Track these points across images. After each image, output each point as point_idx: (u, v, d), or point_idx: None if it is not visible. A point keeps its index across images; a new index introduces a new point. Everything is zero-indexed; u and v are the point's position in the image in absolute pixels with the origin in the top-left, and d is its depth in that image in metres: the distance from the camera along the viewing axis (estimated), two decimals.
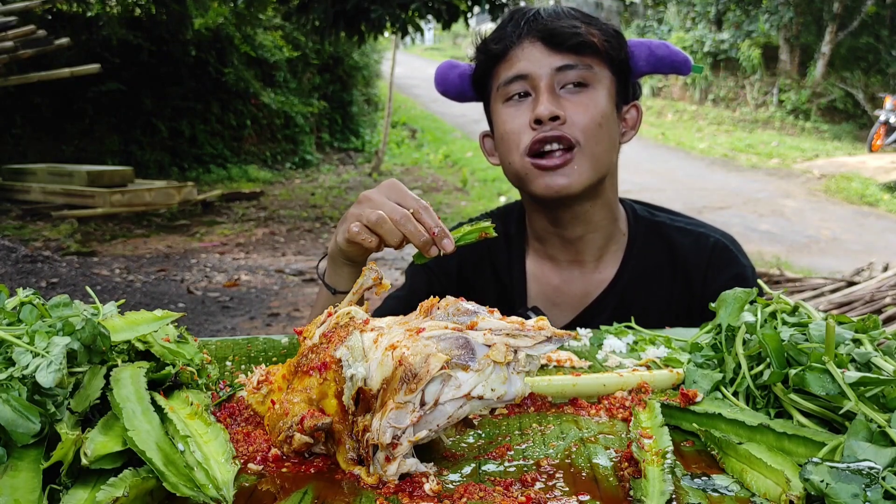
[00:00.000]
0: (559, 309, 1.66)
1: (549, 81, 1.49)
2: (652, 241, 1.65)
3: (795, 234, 8.88)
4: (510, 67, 1.52)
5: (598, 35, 1.50)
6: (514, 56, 1.52)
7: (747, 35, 19.29)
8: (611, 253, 1.65)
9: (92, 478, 0.72)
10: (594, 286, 1.64)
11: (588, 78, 1.50)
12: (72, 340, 0.82)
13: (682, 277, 1.63)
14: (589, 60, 1.50)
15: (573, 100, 1.49)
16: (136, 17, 12.02)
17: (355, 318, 0.88)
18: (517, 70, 1.51)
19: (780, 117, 18.30)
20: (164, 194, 9.50)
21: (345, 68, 15.86)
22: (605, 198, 1.59)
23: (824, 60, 18.31)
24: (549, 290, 1.68)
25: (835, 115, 18.19)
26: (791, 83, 18.81)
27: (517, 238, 1.72)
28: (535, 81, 1.50)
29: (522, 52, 1.51)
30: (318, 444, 0.84)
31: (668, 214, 1.72)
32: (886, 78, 18.41)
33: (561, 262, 1.66)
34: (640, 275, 1.63)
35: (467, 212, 9.89)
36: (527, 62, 1.50)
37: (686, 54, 1.58)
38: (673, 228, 1.66)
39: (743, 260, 1.63)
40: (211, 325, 5.42)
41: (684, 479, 0.79)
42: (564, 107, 1.47)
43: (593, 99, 1.49)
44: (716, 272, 1.60)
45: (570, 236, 1.61)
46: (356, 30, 8.75)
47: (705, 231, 1.66)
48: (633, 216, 1.68)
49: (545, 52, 1.49)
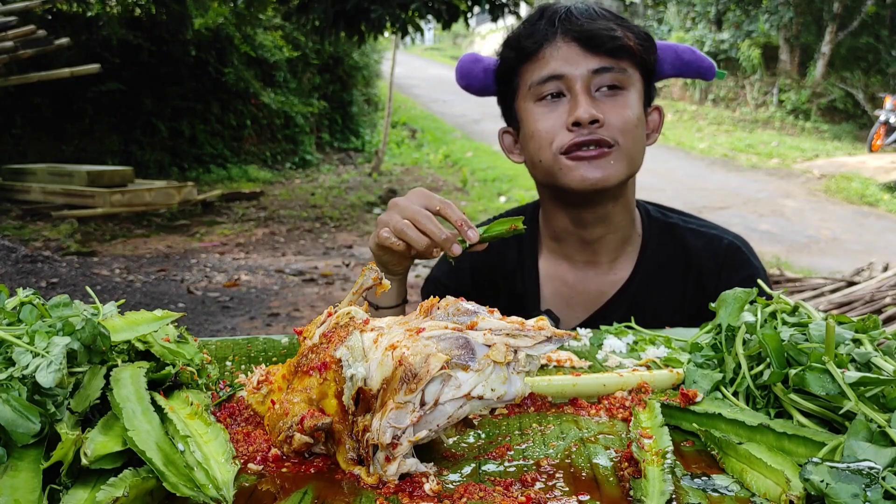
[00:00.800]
0: (573, 308, 1.66)
1: (586, 83, 1.47)
2: (665, 243, 1.66)
3: (795, 234, 8.88)
4: (543, 66, 1.50)
5: (633, 38, 1.50)
6: (548, 55, 1.50)
7: (747, 35, 19.29)
8: (626, 254, 1.65)
9: (92, 478, 0.72)
10: (608, 286, 1.65)
11: (623, 81, 1.49)
12: (72, 340, 0.82)
13: (695, 279, 1.63)
14: (624, 64, 1.49)
15: (609, 102, 1.48)
16: (136, 17, 12.02)
17: (355, 318, 0.88)
18: (551, 70, 1.49)
19: (780, 117, 18.30)
20: (164, 194, 9.50)
21: (345, 68, 15.86)
22: (626, 198, 1.60)
23: (824, 60, 18.32)
24: (563, 290, 1.68)
25: (835, 115, 18.19)
26: (791, 83, 18.81)
27: (529, 240, 1.72)
28: (570, 83, 1.48)
29: (557, 52, 1.49)
30: (318, 444, 0.84)
31: (680, 216, 1.73)
32: (886, 78, 18.41)
33: (577, 262, 1.66)
34: (654, 276, 1.64)
35: (467, 212, 9.90)
36: (562, 62, 1.48)
37: (711, 60, 1.58)
38: (686, 230, 1.67)
39: (755, 262, 1.63)
40: (211, 325, 5.42)
41: (684, 479, 0.79)
42: (602, 109, 1.47)
43: (628, 102, 1.49)
44: (728, 274, 1.60)
45: (590, 237, 1.62)
46: (356, 30, 8.75)
47: (718, 233, 1.66)
48: (646, 217, 1.68)
49: (581, 53, 1.48)
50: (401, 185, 11.92)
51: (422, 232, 1.26)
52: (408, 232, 1.26)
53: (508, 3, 8.67)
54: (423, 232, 1.26)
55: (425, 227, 1.25)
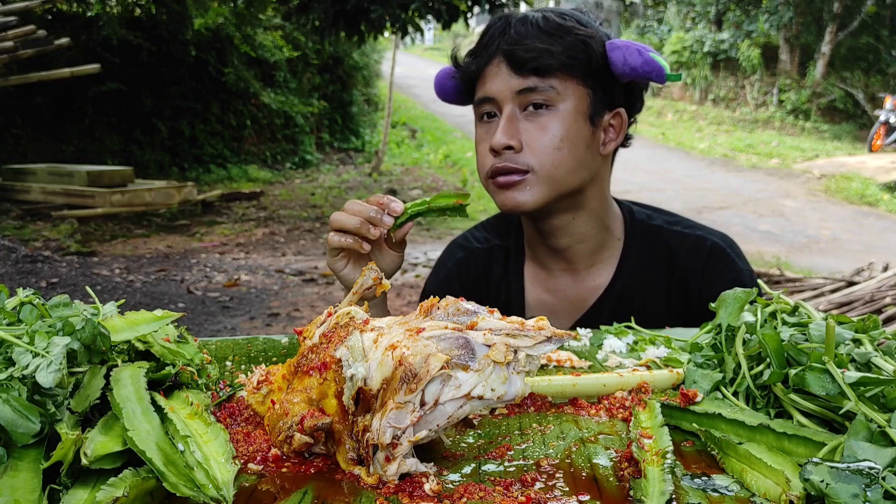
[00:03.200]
0: (556, 316, 1.66)
1: (511, 105, 1.47)
2: (649, 246, 1.64)
3: (795, 234, 8.88)
4: (482, 87, 1.53)
5: (560, 53, 1.45)
6: (485, 75, 1.51)
7: (747, 35, 19.29)
8: (603, 259, 1.64)
9: (92, 478, 0.72)
10: (589, 292, 1.64)
11: (550, 99, 1.46)
12: (72, 340, 0.82)
13: (679, 282, 1.62)
14: (552, 81, 1.45)
15: (531, 124, 1.47)
16: (136, 17, 12.02)
17: (355, 318, 0.88)
18: (485, 91, 1.51)
19: (780, 117, 18.31)
20: (164, 194, 9.51)
21: (345, 68, 15.86)
22: (590, 208, 1.57)
23: (824, 60, 18.32)
24: (545, 298, 1.68)
25: (835, 115, 18.19)
26: (791, 83, 18.81)
27: (515, 248, 1.72)
28: (500, 105, 1.49)
29: (490, 73, 1.50)
30: (318, 444, 0.84)
31: (664, 217, 1.70)
32: (886, 78, 18.41)
33: (554, 270, 1.66)
34: (637, 279, 1.62)
35: (467, 211, 9.89)
36: (493, 84, 1.50)
37: (661, 63, 1.46)
38: (670, 233, 1.64)
39: (740, 264, 1.61)
40: (211, 325, 5.42)
41: (684, 479, 0.79)
42: (522, 131, 1.46)
43: (552, 121, 1.46)
44: (712, 277, 1.58)
45: (557, 246, 1.62)
46: (356, 30, 8.75)
47: (702, 234, 1.64)
48: (629, 220, 1.66)
49: (509, 74, 1.47)
50: (401, 185, 11.92)
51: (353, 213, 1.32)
52: (341, 219, 1.32)
53: (508, 3, 8.67)
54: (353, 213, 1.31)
55: (353, 209, 1.31)
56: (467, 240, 1.77)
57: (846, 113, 18.14)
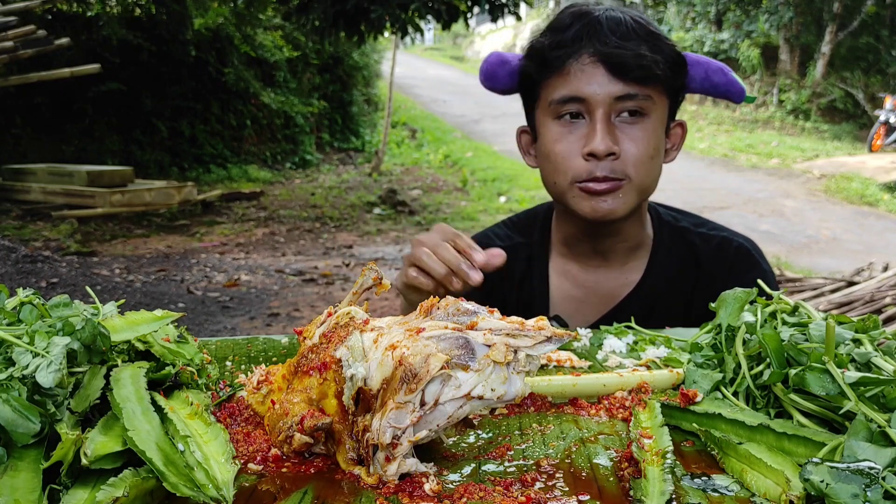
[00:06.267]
0: (584, 310, 1.66)
1: (607, 110, 1.42)
2: (676, 247, 1.66)
3: (795, 234, 8.88)
4: (565, 84, 1.44)
5: (663, 64, 1.43)
6: (571, 72, 1.43)
7: (747, 35, 19.29)
8: (636, 257, 1.66)
9: (92, 478, 0.72)
10: (620, 288, 1.65)
11: (646, 108, 1.44)
12: (72, 340, 0.82)
13: (705, 283, 1.63)
14: (650, 90, 1.43)
15: (628, 131, 1.44)
16: (136, 17, 12.01)
17: (355, 318, 0.88)
18: (573, 90, 1.43)
19: (780, 117, 18.30)
20: (164, 194, 9.50)
21: (345, 68, 15.85)
22: (639, 212, 1.60)
23: (824, 60, 18.31)
24: (575, 291, 1.68)
25: (835, 115, 18.18)
26: (791, 83, 18.81)
27: (539, 244, 1.71)
28: (591, 107, 1.43)
29: (581, 72, 1.43)
30: (318, 444, 0.84)
31: (690, 219, 1.73)
32: (886, 78, 18.41)
33: (587, 266, 1.67)
34: (664, 279, 1.64)
35: (467, 211, 9.90)
36: (585, 84, 1.42)
37: (742, 83, 1.51)
38: (696, 234, 1.67)
39: (764, 265, 1.63)
40: (211, 325, 5.42)
41: (684, 479, 0.79)
42: (619, 138, 1.43)
43: (647, 130, 1.45)
44: (738, 277, 1.59)
45: (601, 247, 1.63)
46: (356, 30, 8.75)
47: (728, 236, 1.66)
48: (657, 220, 1.68)
49: (606, 77, 1.41)
50: (401, 185, 11.92)
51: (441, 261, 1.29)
52: (426, 261, 1.29)
53: (508, 3, 8.67)
54: (442, 261, 1.28)
55: (443, 256, 1.28)
56: (488, 237, 1.76)
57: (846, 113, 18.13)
